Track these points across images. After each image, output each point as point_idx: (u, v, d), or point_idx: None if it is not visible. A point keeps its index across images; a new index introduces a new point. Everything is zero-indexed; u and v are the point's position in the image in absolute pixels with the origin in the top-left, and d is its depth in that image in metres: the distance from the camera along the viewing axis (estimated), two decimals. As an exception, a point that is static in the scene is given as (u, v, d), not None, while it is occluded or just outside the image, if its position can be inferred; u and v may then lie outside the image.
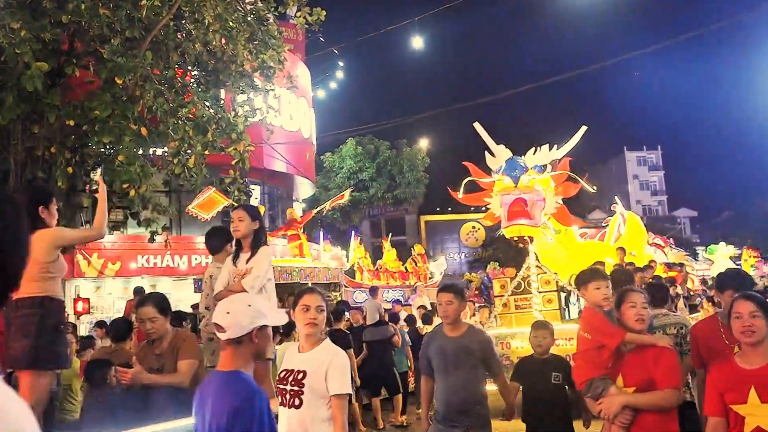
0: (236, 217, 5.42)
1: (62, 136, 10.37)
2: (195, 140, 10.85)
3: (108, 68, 9.64)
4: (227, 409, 2.48)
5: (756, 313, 3.20)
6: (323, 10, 12.35)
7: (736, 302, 3.31)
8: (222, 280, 5.37)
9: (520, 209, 8.05)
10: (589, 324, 3.92)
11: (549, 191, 8.52)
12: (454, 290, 4.63)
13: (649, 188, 74.53)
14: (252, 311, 2.66)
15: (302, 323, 3.57)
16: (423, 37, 17.53)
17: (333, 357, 3.49)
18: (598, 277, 4.10)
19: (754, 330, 3.19)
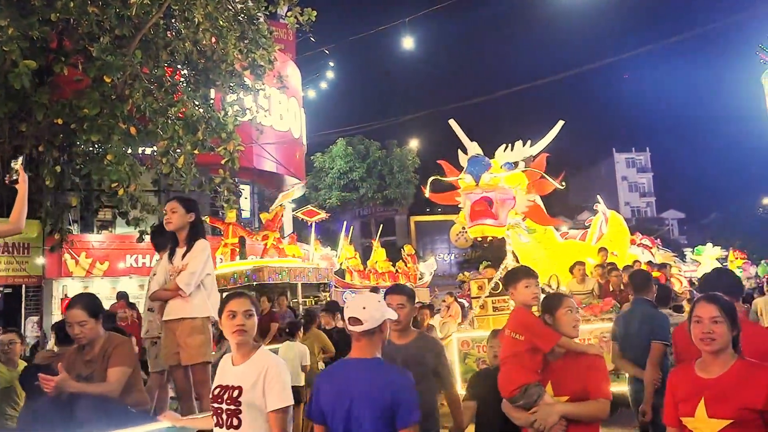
0: (169, 209, 5.11)
1: (50, 135, 10.32)
2: (184, 139, 10.81)
3: (97, 66, 9.60)
4: (389, 390, 2.92)
5: (718, 318, 2.87)
6: (314, 10, 12.35)
7: (697, 304, 3.00)
8: (158, 278, 5.09)
9: (483, 209, 7.66)
10: (521, 324, 3.61)
11: (519, 189, 8.11)
12: (406, 292, 4.13)
13: (637, 190, 74.91)
14: (382, 306, 3.14)
15: (229, 331, 3.23)
16: (414, 38, 17.53)
17: (269, 367, 3.17)
18: (527, 275, 3.83)
19: (714, 337, 2.86)
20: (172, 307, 4.88)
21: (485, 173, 7.56)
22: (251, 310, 3.29)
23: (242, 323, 3.23)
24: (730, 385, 2.81)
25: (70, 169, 11.10)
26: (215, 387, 3.29)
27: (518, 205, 8.17)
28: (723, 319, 2.87)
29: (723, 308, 2.90)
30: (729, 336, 2.86)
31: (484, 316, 9.31)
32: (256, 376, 3.15)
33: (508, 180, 7.98)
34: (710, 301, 2.94)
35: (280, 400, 3.11)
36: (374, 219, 42.19)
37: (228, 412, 3.15)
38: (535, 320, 3.62)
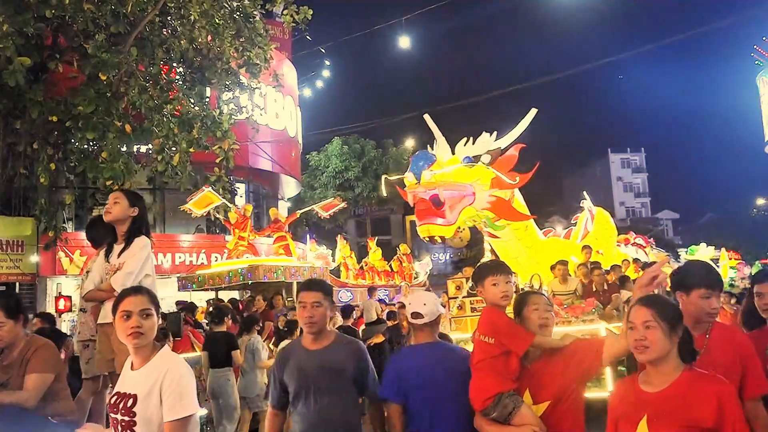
0: (112, 199, 4.65)
1: (45, 132, 10.29)
2: (180, 137, 10.80)
3: (92, 64, 9.57)
4: (465, 363, 3.20)
5: (650, 323, 2.52)
6: (310, 9, 12.34)
7: (632, 309, 2.66)
8: (93, 277, 4.65)
9: (427, 208, 7.19)
10: (491, 326, 3.22)
11: (478, 184, 7.49)
12: (323, 289, 3.53)
13: (632, 190, 75.07)
14: (438, 302, 3.50)
15: (124, 334, 2.85)
16: (410, 37, 17.53)
17: (168, 371, 2.81)
18: (496, 271, 3.38)
19: (647, 345, 2.51)
20: (107, 310, 4.26)
21: (425, 171, 7.09)
22: (149, 308, 2.90)
23: (138, 325, 2.84)
24: (675, 400, 2.48)
25: (64, 167, 11.06)
26: (113, 395, 2.94)
27: (478, 201, 7.57)
28: (657, 324, 2.51)
29: (659, 311, 2.55)
30: (666, 343, 2.51)
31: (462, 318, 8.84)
32: (153, 383, 2.80)
33: (458, 176, 7.37)
34: (644, 303, 2.60)
35: (178, 410, 2.73)
36: (370, 218, 42.23)
37: (123, 424, 2.80)
38: (505, 321, 3.25)
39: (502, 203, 7.91)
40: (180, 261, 18.89)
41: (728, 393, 2.45)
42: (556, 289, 9.35)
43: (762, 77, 38.70)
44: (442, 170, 7.19)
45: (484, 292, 3.36)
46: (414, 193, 7.23)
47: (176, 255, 19.05)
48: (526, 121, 8.22)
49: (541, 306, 3.27)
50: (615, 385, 3.01)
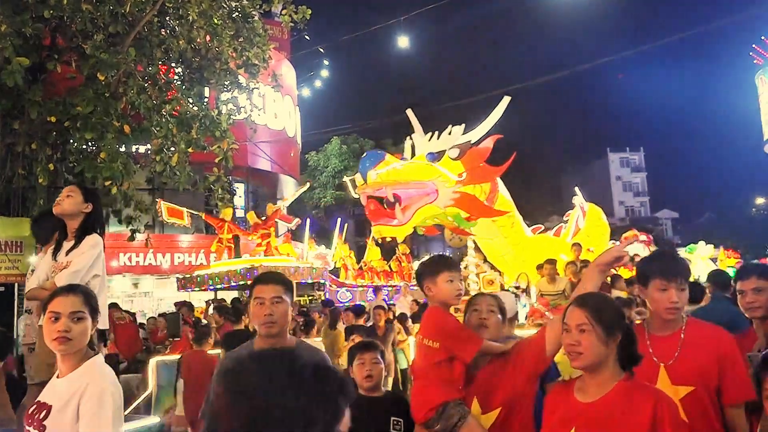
0: (64, 192, 4.45)
1: (43, 132, 10.27)
2: (178, 138, 10.78)
3: (90, 64, 9.55)
4: None
5: (585, 326, 2.26)
6: (309, 9, 12.33)
7: (567, 309, 2.42)
8: (38, 275, 4.32)
9: (376, 209, 6.85)
10: (437, 328, 2.93)
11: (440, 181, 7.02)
12: (284, 282, 3.03)
13: (631, 189, 75.15)
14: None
15: (50, 338, 2.54)
16: (409, 37, 17.54)
17: (89, 383, 2.48)
18: (452, 266, 3.09)
19: (580, 350, 2.26)
20: None
21: (371, 170, 6.65)
22: (82, 311, 2.57)
23: (66, 329, 2.51)
24: (607, 412, 2.22)
25: (63, 167, 11.04)
26: (32, 404, 2.65)
27: (441, 199, 7.07)
28: (592, 328, 2.25)
29: (594, 314, 2.29)
30: (601, 349, 2.25)
31: None
32: (71, 395, 2.48)
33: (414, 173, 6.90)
34: (579, 304, 2.35)
35: (93, 427, 2.40)
36: (369, 218, 42.14)
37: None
38: (452, 323, 2.96)
39: (469, 199, 7.27)
40: (179, 261, 18.92)
41: (666, 407, 2.19)
42: (543, 289, 9.03)
43: (761, 76, 38.72)
44: (388, 168, 6.69)
45: (436, 290, 3.03)
46: (364, 194, 6.89)
47: (175, 255, 19.07)
48: (498, 111, 7.58)
49: (482, 307, 3.09)
50: (550, 389, 2.66)
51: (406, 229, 7.08)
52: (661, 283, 2.70)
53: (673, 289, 2.69)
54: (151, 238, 12.63)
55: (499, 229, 8.66)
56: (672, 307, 2.70)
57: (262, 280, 3.04)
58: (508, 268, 9.51)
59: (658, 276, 2.71)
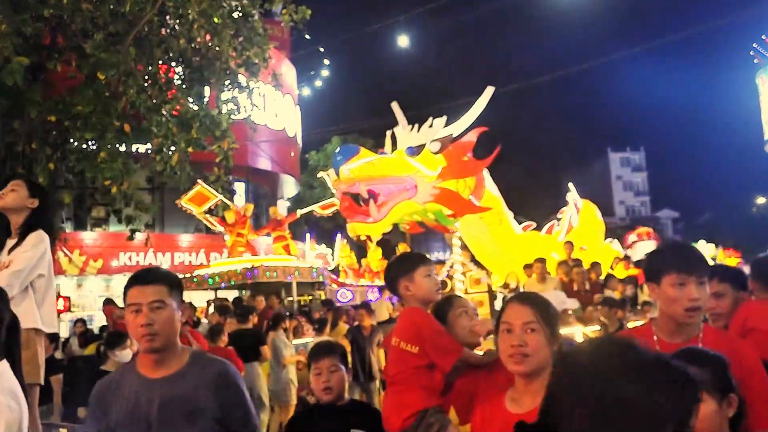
0: (9, 186, 4.11)
1: (43, 132, 10.26)
2: (178, 137, 10.78)
3: (90, 63, 9.55)
4: None
5: (534, 325, 2.03)
6: (308, 8, 12.31)
7: (506, 307, 2.17)
8: None
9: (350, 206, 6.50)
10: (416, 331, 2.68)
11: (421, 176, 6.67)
12: (167, 280, 2.42)
13: (632, 189, 75.20)
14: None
15: None
16: (409, 36, 17.54)
17: None
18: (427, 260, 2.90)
19: (527, 352, 2.00)
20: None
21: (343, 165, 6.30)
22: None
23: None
24: None
25: (63, 167, 11.04)
26: None
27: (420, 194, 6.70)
28: (540, 327, 2.04)
29: (542, 312, 2.07)
30: (548, 352, 2.04)
31: None
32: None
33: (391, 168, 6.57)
34: (523, 300, 2.12)
35: None
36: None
37: None
38: (433, 327, 2.70)
39: (449, 195, 6.92)
40: (179, 261, 18.92)
41: None
42: (533, 289, 8.54)
43: (761, 75, 38.68)
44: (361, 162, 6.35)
45: (414, 287, 2.80)
46: (338, 190, 6.60)
47: (175, 255, 19.07)
48: (481, 103, 7.24)
49: (469, 309, 2.82)
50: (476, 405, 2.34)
51: (381, 226, 6.69)
52: (678, 277, 2.25)
53: (692, 284, 2.25)
54: (151, 237, 12.63)
55: (486, 226, 8.28)
56: (692, 307, 2.25)
57: (137, 281, 2.38)
58: (496, 266, 9.20)
59: (674, 270, 2.26)
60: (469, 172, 7.00)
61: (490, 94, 7.14)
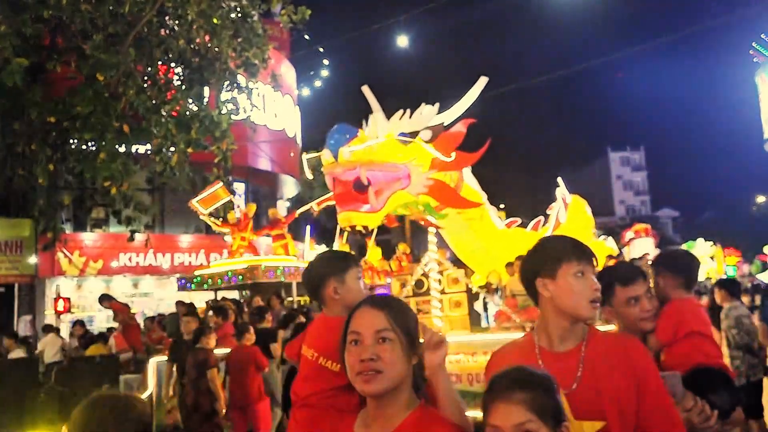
0: None
1: (43, 133, 10.28)
2: (178, 138, 10.79)
3: (90, 64, 9.57)
4: None
5: (387, 334, 1.66)
6: (308, 9, 12.32)
7: (354, 313, 1.75)
8: None
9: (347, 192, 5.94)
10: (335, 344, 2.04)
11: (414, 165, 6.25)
12: None
13: (632, 188, 75.14)
14: None
15: None
16: (409, 36, 17.52)
17: None
18: (356, 261, 2.59)
19: (379, 368, 1.63)
20: None
21: (344, 147, 5.80)
22: None
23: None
24: None
25: (63, 168, 11.06)
26: None
27: (414, 185, 6.30)
28: (396, 336, 1.65)
29: (396, 317, 1.68)
30: (404, 366, 1.65)
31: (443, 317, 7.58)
32: None
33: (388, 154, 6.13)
34: (374, 305, 1.71)
35: None
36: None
37: None
38: None
39: (443, 188, 6.58)
40: (179, 261, 18.88)
41: None
42: (515, 289, 7.97)
43: (761, 74, 38.69)
44: (364, 145, 5.90)
45: (344, 290, 2.45)
46: (332, 175, 5.99)
47: (175, 255, 19.04)
48: (474, 92, 6.90)
49: None
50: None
51: (379, 216, 6.22)
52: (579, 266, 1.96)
53: (592, 274, 1.98)
54: (151, 238, 12.64)
55: (466, 221, 7.64)
56: (596, 298, 1.95)
57: None
58: (478, 264, 8.73)
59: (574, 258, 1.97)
60: (461, 164, 6.72)
61: (483, 84, 6.88)
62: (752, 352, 6.34)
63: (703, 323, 2.79)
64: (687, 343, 2.62)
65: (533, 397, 1.52)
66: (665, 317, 2.69)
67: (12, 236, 15.96)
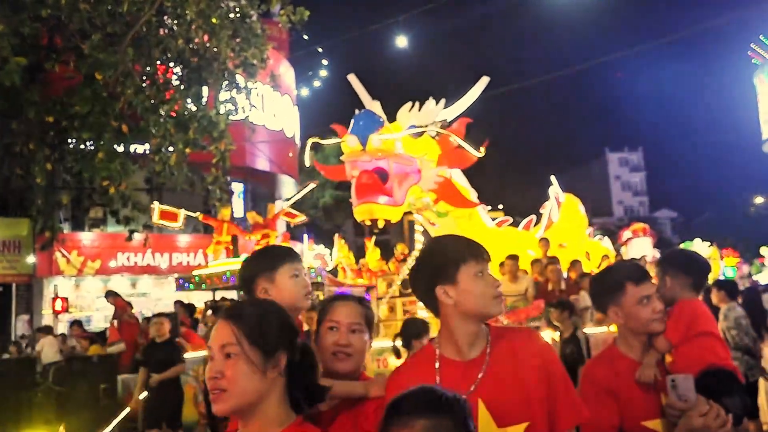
0: None
1: (41, 132, 10.25)
2: (176, 138, 10.77)
3: (88, 64, 9.54)
4: None
5: (231, 349, 1.52)
6: (306, 10, 12.30)
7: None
8: None
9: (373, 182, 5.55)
10: None
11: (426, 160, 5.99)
12: None
13: (630, 189, 75.25)
14: None
15: None
16: (408, 36, 17.51)
17: None
18: (293, 256, 2.28)
19: (223, 386, 1.51)
20: None
21: (373, 135, 5.40)
22: None
23: None
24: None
25: (61, 167, 11.04)
26: None
27: (424, 181, 6.03)
28: (239, 350, 1.51)
29: (245, 327, 1.54)
30: (255, 381, 1.52)
31: (392, 321, 7.23)
32: None
33: (408, 145, 5.86)
34: (226, 315, 1.62)
35: None
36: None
37: None
38: None
39: (450, 186, 6.38)
40: (177, 261, 18.89)
41: None
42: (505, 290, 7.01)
43: (759, 75, 38.72)
44: (396, 135, 5.58)
45: (275, 290, 2.15)
46: (356, 163, 5.58)
47: (173, 255, 19.05)
48: (476, 91, 6.74)
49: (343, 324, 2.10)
50: None
51: (400, 210, 5.86)
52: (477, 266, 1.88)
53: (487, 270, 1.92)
54: (149, 238, 12.63)
55: (454, 220, 7.37)
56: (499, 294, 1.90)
57: None
58: None
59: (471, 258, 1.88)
60: (463, 162, 6.57)
61: (484, 83, 6.79)
62: (751, 353, 6.39)
63: (713, 325, 2.73)
64: (698, 344, 2.54)
65: (436, 424, 1.33)
66: (675, 317, 2.57)
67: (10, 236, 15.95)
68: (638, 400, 2.25)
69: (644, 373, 2.29)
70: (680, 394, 1.95)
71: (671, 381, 2.00)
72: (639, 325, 2.38)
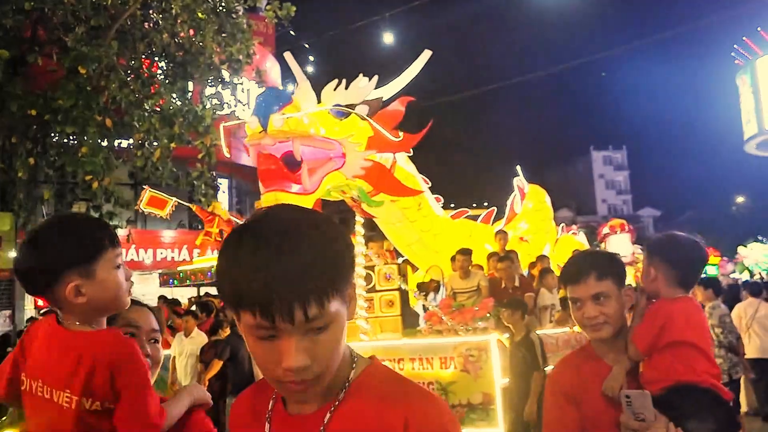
0: None
1: (24, 126, 10.16)
2: (161, 133, 10.71)
3: (72, 57, 9.46)
4: None
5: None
6: (293, 5, 12.27)
7: None
8: None
9: (277, 168, 5.05)
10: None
11: (350, 143, 5.36)
12: None
13: (614, 187, 75.72)
14: None
15: None
16: (395, 33, 17.54)
17: None
18: (114, 240, 1.68)
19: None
20: None
21: (275, 114, 4.80)
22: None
23: None
24: None
25: (43, 161, 10.93)
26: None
27: (349, 166, 5.44)
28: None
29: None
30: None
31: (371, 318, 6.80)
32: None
33: (330, 126, 5.26)
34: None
35: None
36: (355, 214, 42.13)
37: None
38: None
39: (381, 171, 5.75)
40: (161, 257, 18.75)
41: None
42: (456, 286, 7.25)
43: (741, 76, 39.12)
44: (300, 113, 4.98)
45: (91, 289, 1.56)
46: (258, 147, 5.05)
47: (158, 251, 18.90)
48: (416, 66, 6.15)
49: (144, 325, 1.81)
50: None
51: (311, 200, 5.33)
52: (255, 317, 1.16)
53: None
54: (133, 233, 12.55)
55: (401, 210, 6.81)
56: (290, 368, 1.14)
57: None
58: (418, 259, 7.99)
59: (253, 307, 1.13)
60: (401, 146, 5.89)
61: (426, 58, 6.23)
62: (734, 350, 6.49)
63: (696, 332, 2.15)
64: (670, 355, 2.07)
65: None
66: (648, 320, 2.14)
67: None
68: (602, 414, 1.94)
69: (608, 385, 1.98)
70: (636, 413, 1.75)
71: (626, 397, 1.79)
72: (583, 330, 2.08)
